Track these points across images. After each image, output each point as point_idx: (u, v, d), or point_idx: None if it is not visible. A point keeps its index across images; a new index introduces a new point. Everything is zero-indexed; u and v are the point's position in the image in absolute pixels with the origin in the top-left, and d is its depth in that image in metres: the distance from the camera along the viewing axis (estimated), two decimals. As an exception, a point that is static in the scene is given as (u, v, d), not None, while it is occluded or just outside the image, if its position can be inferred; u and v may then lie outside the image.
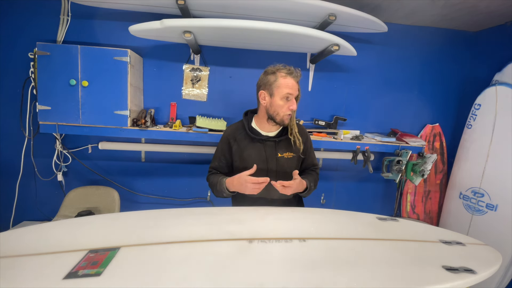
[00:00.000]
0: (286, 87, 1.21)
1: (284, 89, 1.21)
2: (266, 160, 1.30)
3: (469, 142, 2.07)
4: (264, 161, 1.30)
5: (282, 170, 1.31)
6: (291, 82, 1.21)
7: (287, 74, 1.22)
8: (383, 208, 2.43)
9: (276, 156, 1.30)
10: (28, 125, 1.89)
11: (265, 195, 1.34)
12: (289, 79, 1.21)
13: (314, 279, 0.76)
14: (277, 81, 1.22)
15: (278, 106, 1.23)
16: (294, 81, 1.22)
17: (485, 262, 0.90)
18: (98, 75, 1.66)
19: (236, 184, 1.22)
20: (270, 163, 1.30)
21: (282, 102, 1.22)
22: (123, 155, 2.07)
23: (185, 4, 1.59)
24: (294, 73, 1.23)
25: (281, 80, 1.21)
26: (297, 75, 1.23)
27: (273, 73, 1.24)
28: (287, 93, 1.21)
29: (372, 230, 1.09)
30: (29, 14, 1.82)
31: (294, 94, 1.23)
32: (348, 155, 2.16)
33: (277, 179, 1.31)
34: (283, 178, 1.32)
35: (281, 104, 1.22)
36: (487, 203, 1.90)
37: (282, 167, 1.31)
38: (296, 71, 1.24)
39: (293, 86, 1.22)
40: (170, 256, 0.82)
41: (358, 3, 1.80)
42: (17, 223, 1.97)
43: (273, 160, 1.30)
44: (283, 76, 1.22)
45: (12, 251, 0.81)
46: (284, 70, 1.23)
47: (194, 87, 2.04)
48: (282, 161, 1.31)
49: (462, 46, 2.25)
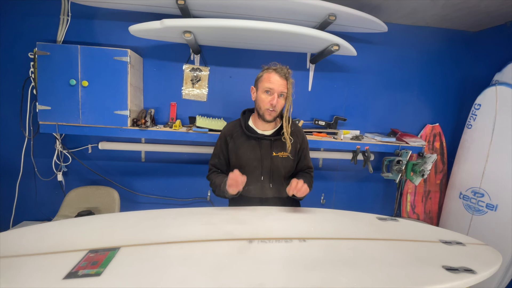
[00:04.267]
0: (268, 82, 1.24)
1: (265, 83, 1.25)
2: (261, 159, 1.31)
3: (469, 142, 2.07)
4: (258, 159, 1.31)
5: (277, 169, 1.33)
6: (274, 78, 1.24)
7: (273, 70, 1.26)
8: (383, 208, 2.43)
9: (271, 155, 1.31)
10: (28, 125, 1.89)
11: (259, 195, 1.36)
12: (273, 75, 1.24)
13: (314, 279, 0.76)
14: (262, 76, 1.28)
15: (260, 99, 1.27)
16: (278, 77, 1.24)
17: (485, 262, 0.90)
18: (98, 75, 1.66)
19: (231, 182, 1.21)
20: (265, 161, 1.31)
21: (263, 96, 1.26)
22: (123, 155, 2.07)
23: (185, 4, 1.59)
24: (278, 69, 1.25)
25: (265, 75, 1.26)
26: (282, 71, 1.25)
27: (263, 70, 1.29)
28: (267, 86, 1.24)
29: (372, 230, 1.09)
30: (29, 14, 1.82)
31: (275, 89, 1.24)
32: (348, 155, 2.16)
33: (271, 177, 1.34)
34: (277, 177, 1.35)
35: (262, 97, 1.26)
36: (487, 203, 1.90)
37: (277, 166, 1.33)
38: (282, 68, 1.26)
39: (276, 81, 1.24)
40: (170, 256, 0.82)
41: (358, 3, 1.80)
42: (17, 223, 1.97)
43: (267, 159, 1.31)
44: (269, 71, 1.26)
45: (12, 251, 0.81)
46: (273, 67, 1.27)
47: (194, 87, 2.04)
48: (277, 160, 1.32)
49: (462, 46, 2.25)
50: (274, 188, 1.35)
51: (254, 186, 1.34)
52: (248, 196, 1.36)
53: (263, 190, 1.35)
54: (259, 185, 1.34)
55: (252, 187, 1.34)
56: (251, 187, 1.34)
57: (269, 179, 1.33)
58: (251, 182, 1.32)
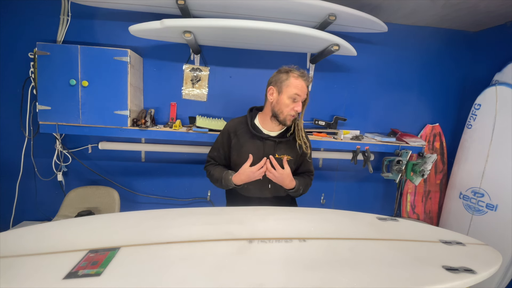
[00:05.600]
0: (296, 88, 1.23)
1: (294, 89, 1.23)
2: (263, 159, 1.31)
3: (469, 142, 2.07)
4: (260, 159, 1.31)
5: None
6: (301, 84, 1.24)
7: (299, 76, 1.25)
8: (383, 208, 2.43)
9: (274, 156, 1.31)
10: (28, 125, 1.89)
11: (258, 194, 1.37)
12: (300, 81, 1.24)
13: (314, 279, 0.76)
14: (288, 80, 1.25)
15: (283, 104, 1.25)
16: (304, 84, 1.25)
17: (485, 262, 0.90)
18: (98, 75, 1.66)
19: (244, 179, 1.27)
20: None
21: (288, 101, 1.24)
22: (123, 155, 2.07)
23: (185, 4, 1.59)
24: (306, 77, 1.26)
25: (293, 79, 1.24)
26: (308, 80, 1.27)
27: (286, 72, 1.27)
28: (295, 93, 1.23)
29: (372, 230, 1.09)
30: (29, 14, 1.82)
31: (302, 96, 1.25)
32: (348, 155, 2.16)
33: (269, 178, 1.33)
34: None
35: (287, 103, 1.25)
36: (487, 203, 1.90)
37: None
38: (306, 74, 1.27)
39: (303, 88, 1.25)
40: (170, 256, 0.82)
41: (358, 3, 1.80)
42: (17, 223, 1.97)
43: None
44: (295, 77, 1.25)
45: (12, 251, 0.81)
46: (298, 72, 1.26)
47: (194, 87, 2.04)
48: (279, 163, 1.31)
49: (462, 46, 2.25)
50: (273, 188, 1.36)
51: (254, 185, 1.34)
52: (246, 195, 1.37)
53: (262, 190, 1.36)
54: (258, 184, 1.34)
55: (251, 186, 1.34)
56: (251, 186, 1.34)
57: (268, 179, 1.32)
58: (251, 181, 1.32)
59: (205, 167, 1.45)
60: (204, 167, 1.45)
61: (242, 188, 1.35)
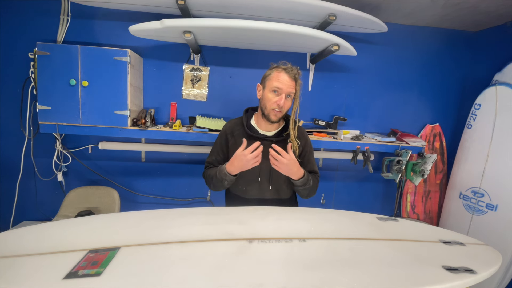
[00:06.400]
0: (276, 81, 1.20)
1: (274, 82, 1.20)
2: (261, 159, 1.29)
3: (469, 142, 2.07)
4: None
5: (276, 171, 1.26)
6: (283, 77, 1.20)
7: (282, 69, 1.22)
8: (383, 208, 2.43)
9: None
10: (28, 125, 1.89)
11: (257, 196, 1.34)
12: (282, 74, 1.20)
13: (314, 279, 0.76)
14: (270, 74, 1.23)
15: (266, 98, 1.23)
16: (287, 77, 1.20)
17: (485, 262, 0.90)
18: (98, 75, 1.66)
19: (237, 164, 1.20)
20: (264, 163, 1.25)
21: (270, 95, 1.22)
22: (123, 155, 2.07)
23: (185, 4, 1.59)
24: (288, 69, 1.21)
25: (274, 73, 1.22)
26: (293, 73, 1.21)
27: (271, 68, 1.25)
28: (275, 86, 1.20)
29: (372, 230, 1.09)
30: (29, 14, 1.82)
31: (284, 89, 1.20)
32: (348, 155, 2.16)
33: (269, 180, 1.30)
34: (276, 179, 1.31)
35: (269, 97, 1.22)
36: (487, 203, 1.90)
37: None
38: (292, 68, 1.22)
39: (285, 81, 1.20)
40: (170, 256, 0.82)
41: (358, 3, 1.80)
42: (17, 223, 1.97)
43: (267, 160, 1.25)
44: (278, 70, 1.22)
45: (12, 251, 0.81)
46: (282, 66, 1.23)
47: (194, 87, 2.04)
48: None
49: (462, 46, 2.25)
50: (274, 190, 1.33)
51: (251, 187, 1.32)
52: (245, 197, 1.35)
53: (262, 191, 1.33)
54: (256, 186, 1.32)
55: (249, 188, 1.32)
56: (248, 188, 1.32)
57: (268, 180, 1.31)
58: (248, 183, 1.31)
59: (203, 174, 1.40)
60: (202, 174, 1.40)
61: (241, 190, 1.33)
